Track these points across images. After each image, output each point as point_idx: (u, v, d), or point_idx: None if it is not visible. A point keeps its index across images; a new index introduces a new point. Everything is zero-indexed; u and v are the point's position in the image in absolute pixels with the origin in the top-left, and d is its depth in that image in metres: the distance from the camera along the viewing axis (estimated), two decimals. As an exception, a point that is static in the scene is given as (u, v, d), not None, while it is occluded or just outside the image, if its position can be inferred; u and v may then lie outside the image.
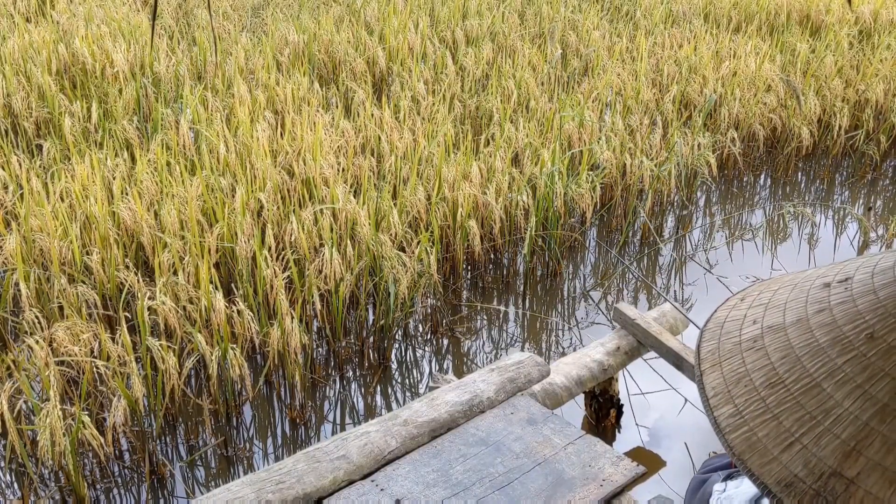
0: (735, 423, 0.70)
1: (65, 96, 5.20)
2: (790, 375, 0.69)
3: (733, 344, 0.76)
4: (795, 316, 0.73)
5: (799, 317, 0.73)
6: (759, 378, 0.71)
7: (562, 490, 2.34)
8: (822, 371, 0.68)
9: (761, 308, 0.78)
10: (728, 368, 0.74)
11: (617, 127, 5.15)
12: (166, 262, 3.58)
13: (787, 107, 5.88)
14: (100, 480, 3.10)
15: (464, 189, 4.21)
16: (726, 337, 0.78)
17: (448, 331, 4.05)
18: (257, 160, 4.30)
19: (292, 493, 2.25)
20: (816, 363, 0.68)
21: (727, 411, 0.71)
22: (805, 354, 0.69)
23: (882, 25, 7.27)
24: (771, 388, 0.70)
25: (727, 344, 0.77)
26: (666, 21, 7.34)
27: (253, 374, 3.53)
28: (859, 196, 5.67)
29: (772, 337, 0.73)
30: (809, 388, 0.67)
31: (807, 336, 0.71)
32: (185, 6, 7.24)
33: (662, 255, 4.85)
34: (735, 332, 0.77)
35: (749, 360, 0.73)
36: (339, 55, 6.13)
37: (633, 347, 3.31)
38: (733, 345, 0.76)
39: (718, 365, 0.75)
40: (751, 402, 0.70)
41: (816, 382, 0.67)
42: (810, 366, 0.68)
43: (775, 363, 0.71)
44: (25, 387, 2.96)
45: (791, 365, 0.70)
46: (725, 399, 0.72)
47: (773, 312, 0.76)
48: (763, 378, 0.71)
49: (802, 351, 0.70)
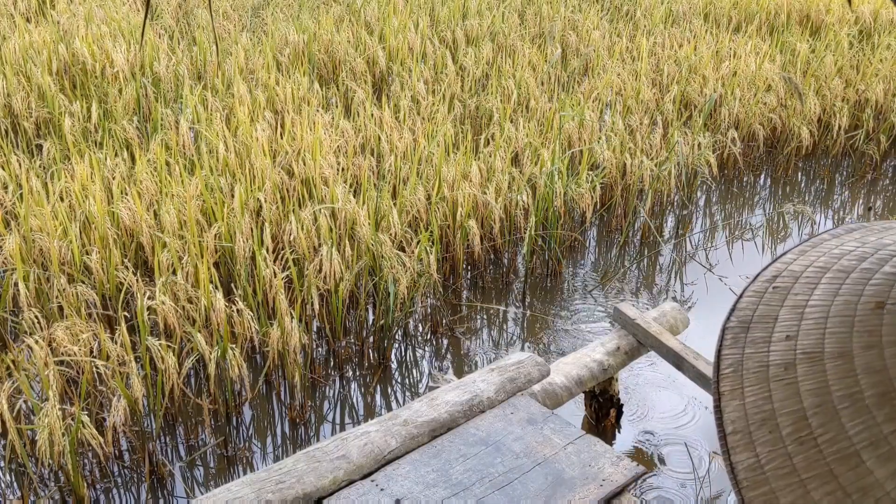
0: (755, 479, 0.60)
1: (65, 96, 5.20)
2: (825, 433, 0.58)
3: (759, 364, 0.64)
4: (838, 346, 0.61)
5: (842, 349, 0.61)
6: (787, 426, 0.60)
7: (562, 490, 2.34)
8: (864, 437, 0.56)
9: (796, 314, 0.66)
10: (751, 401, 0.63)
11: (617, 127, 5.15)
12: (166, 262, 3.57)
13: (787, 106, 5.87)
14: (99, 480, 3.10)
15: (463, 189, 4.21)
16: (752, 348, 0.66)
17: (448, 331, 4.04)
18: (257, 160, 4.29)
19: (292, 492, 2.25)
20: (858, 424, 0.57)
21: (747, 461, 0.61)
22: (845, 409, 0.58)
23: (882, 25, 7.26)
24: (800, 443, 0.59)
25: (752, 361, 0.65)
26: (666, 21, 7.34)
27: (252, 374, 3.53)
28: (859, 196, 5.67)
29: (807, 368, 0.62)
30: (847, 457, 0.57)
31: (849, 381, 0.59)
32: (185, 6, 7.24)
33: (662, 255, 4.85)
34: (763, 343, 0.66)
35: (777, 397, 0.62)
36: (339, 55, 6.13)
37: (633, 347, 3.31)
38: (759, 365, 0.64)
39: (741, 391, 0.64)
40: (775, 457, 0.59)
41: (856, 451, 0.56)
42: (850, 426, 0.57)
43: (808, 410, 0.60)
44: (25, 387, 2.96)
45: (827, 418, 0.58)
46: (745, 444, 0.61)
47: (811, 330, 0.64)
48: (792, 427, 0.60)
49: (843, 402, 0.58)
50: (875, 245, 0.69)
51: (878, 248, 0.68)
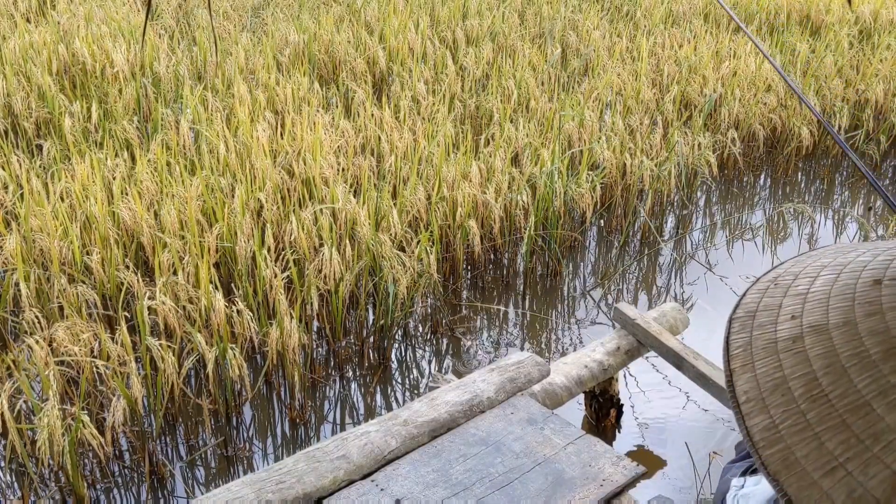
0: (771, 438, 0.62)
1: (65, 96, 5.20)
2: (835, 389, 0.61)
3: (768, 341, 0.68)
4: (842, 317, 0.65)
5: (846, 318, 0.64)
6: (799, 388, 0.63)
7: (562, 490, 2.34)
8: (873, 388, 0.60)
9: (799, 300, 0.69)
10: (763, 371, 0.66)
11: (617, 127, 5.15)
12: (166, 262, 3.58)
13: (787, 107, 5.88)
14: (100, 480, 3.10)
15: (463, 189, 4.21)
16: (759, 330, 0.69)
17: (448, 331, 4.05)
18: (257, 160, 4.30)
19: (292, 493, 2.25)
20: (866, 378, 0.60)
21: (762, 422, 0.63)
22: (853, 366, 0.61)
23: (882, 25, 7.27)
24: (812, 401, 0.62)
25: (761, 340, 0.68)
26: (666, 21, 7.34)
27: (252, 374, 3.53)
28: (859, 196, 5.67)
29: (814, 339, 0.65)
30: (857, 407, 0.60)
31: (855, 343, 0.62)
32: (185, 6, 7.24)
33: (662, 254, 4.85)
34: (769, 325, 0.69)
35: (787, 365, 0.65)
36: (340, 55, 6.13)
37: (633, 347, 3.31)
38: (768, 342, 0.68)
39: (751, 365, 0.67)
40: (789, 416, 0.62)
41: (866, 401, 0.59)
42: (859, 380, 0.61)
43: (818, 371, 0.63)
44: (25, 386, 2.96)
45: (837, 376, 0.62)
46: (760, 408, 0.64)
47: (815, 308, 0.67)
48: (803, 388, 0.63)
49: (850, 361, 0.62)
50: (867, 248, 0.74)
51: (870, 249, 0.73)
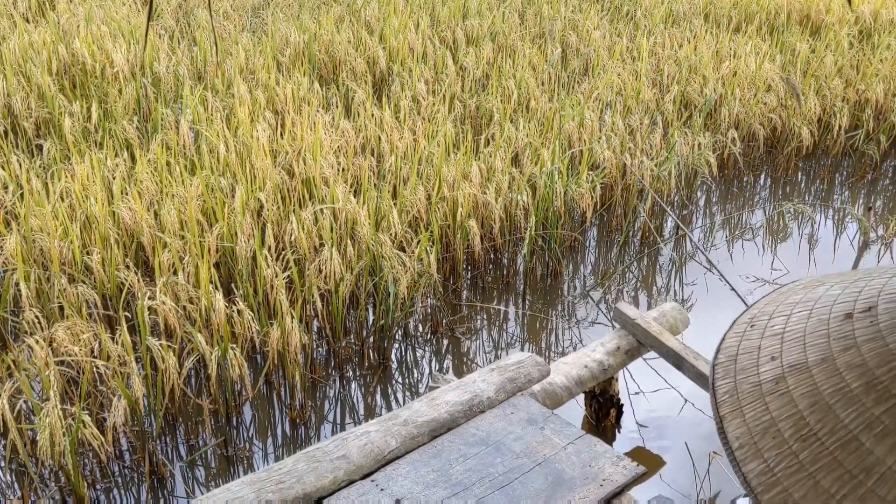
0: (767, 483, 0.62)
1: (65, 96, 5.20)
2: (823, 427, 0.62)
3: (752, 385, 0.68)
4: (819, 354, 0.65)
5: (824, 355, 0.65)
6: (788, 429, 0.63)
7: (562, 490, 2.34)
8: (859, 422, 0.60)
9: (777, 340, 0.70)
10: (751, 416, 0.66)
11: (617, 127, 5.15)
12: (166, 262, 3.58)
13: (787, 107, 5.88)
14: (100, 480, 3.11)
15: (464, 189, 4.21)
16: (743, 374, 0.70)
17: (448, 331, 4.05)
18: (257, 160, 4.30)
19: (292, 493, 2.25)
20: (851, 413, 0.61)
21: (757, 468, 0.63)
22: (837, 402, 0.62)
23: (882, 25, 7.27)
24: (803, 440, 0.62)
25: (745, 384, 0.69)
26: (666, 21, 7.34)
27: (253, 374, 3.54)
28: (859, 196, 5.67)
29: (796, 378, 0.65)
30: (847, 442, 0.60)
31: (836, 380, 0.63)
32: (185, 6, 7.24)
33: (662, 254, 4.85)
34: (752, 368, 0.70)
35: (774, 407, 0.65)
36: (340, 55, 6.13)
37: (633, 347, 3.31)
38: (752, 385, 0.68)
39: (739, 411, 0.67)
40: (782, 458, 0.62)
41: (854, 436, 0.60)
42: (844, 416, 0.61)
43: (804, 411, 0.63)
44: (25, 387, 2.96)
45: (822, 414, 0.62)
46: (753, 453, 0.64)
47: (792, 347, 0.68)
48: (792, 429, 0.63)
49: (833, 398, 0.62)
50: (833, 280, 0.75)
51: (836, 282, 0.75)
